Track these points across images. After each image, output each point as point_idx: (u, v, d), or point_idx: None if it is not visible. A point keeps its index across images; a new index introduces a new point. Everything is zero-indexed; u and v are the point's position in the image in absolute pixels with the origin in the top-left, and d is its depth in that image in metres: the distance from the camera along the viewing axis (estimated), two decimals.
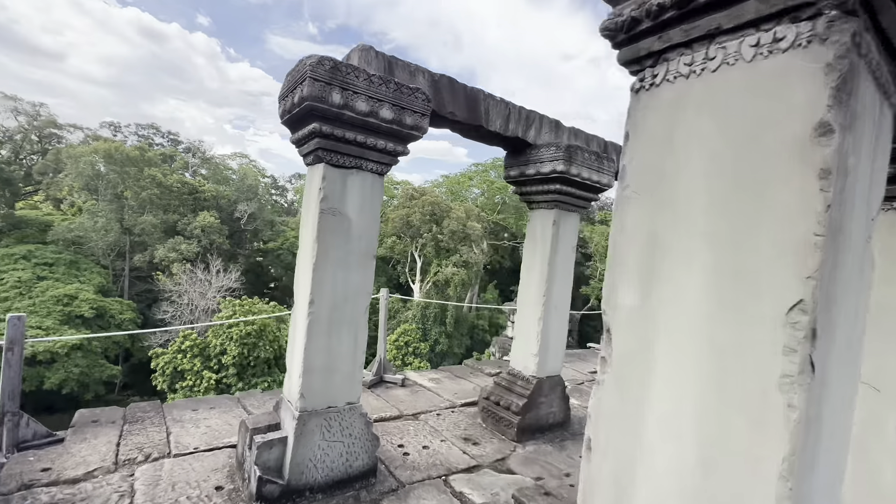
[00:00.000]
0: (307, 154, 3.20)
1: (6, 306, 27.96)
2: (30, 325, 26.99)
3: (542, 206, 4.68)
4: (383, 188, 3.34)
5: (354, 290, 3.27)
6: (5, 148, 56.12)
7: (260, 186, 50.71)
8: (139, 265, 39.67)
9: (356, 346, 3.35)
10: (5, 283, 29.55)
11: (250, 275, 51.44)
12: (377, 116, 3.02)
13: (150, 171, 39.66)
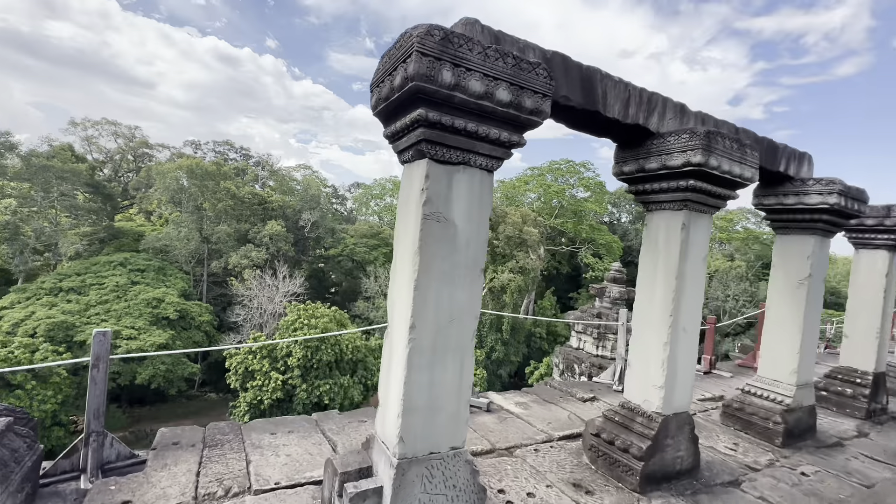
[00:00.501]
0: (407, 148, 2.70)
1: (106, 307, 30.98)
2: (124, 325, 29.65)
3: (668, 208, 3.87)
4: (493, 188, 2.78)
5: (461, 309, 2.71)
6: (107, 167, 63.24)
7: (322, 196, 52.78)
8: (216, 271, 42.63)
9: (462, 379, 2.78)
10: (106, 287, 32.80)
11: (313, 280, 53.57)
12: (492, 98, 2.45)
13: (225, 184, 42.61)
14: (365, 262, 51.42)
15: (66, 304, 30.38)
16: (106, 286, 32.67)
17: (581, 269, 61.99)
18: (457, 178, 2.61)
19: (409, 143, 2.61)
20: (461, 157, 2.57)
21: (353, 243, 51.67)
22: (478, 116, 2.50)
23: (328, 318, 33.41)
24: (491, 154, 2.67)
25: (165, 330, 30.77)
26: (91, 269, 34.70)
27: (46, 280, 33.41)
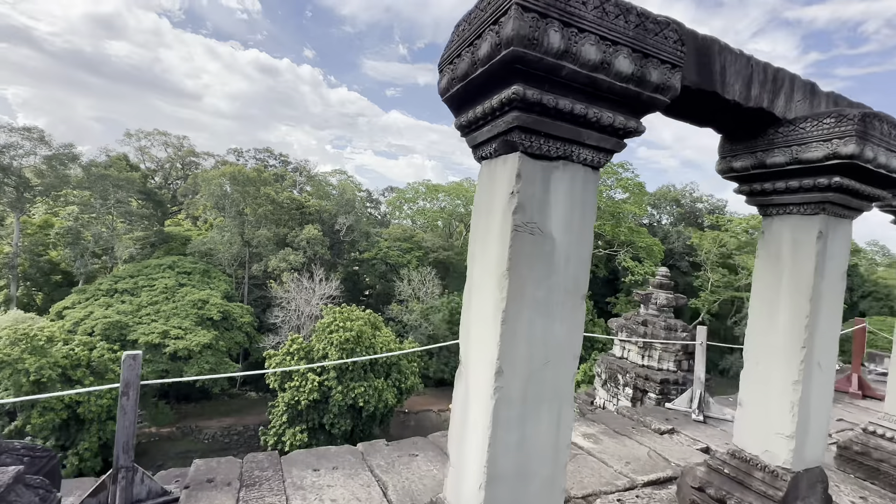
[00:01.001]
0: (489, 140, 2.13)
1: (156, 308, 32.34)
2: (172, 325, 30.78)
3: (796, 212, 3.10)
4: (597, 190, 2.17)
5: (559, 346, 2.12)
6: (158, 175, 66.78)
7: (356, 200, 53.37)
8: (256, 274, 43.84)
9: (559, 436, 2.17)
10: (156, 289, 34.29)
11: (348, 283, 54.22)
12: (609, 70, 1.84)
13: (265, 189, 43.81)
14: (398, 266, 51.48)
15: (121, 304, 31.91)
16: (156, 288, 34.12)
17: (619, 273, 59.51)
18: (555, 178, 2.01)
19: (495, 133, 2.04)
20: (562, 149, 1.98)
21: (387, 247, 51.86)
22: (588, 94, 1.90)
23: (363, 321, 33.46)
24: (599, 146, 2.06)
25: (209, 330, 31.72)
26: (143, 271, 36.39)
27: (103, 282, 35.31)
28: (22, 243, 36.37)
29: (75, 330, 28.64)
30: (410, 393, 35.26)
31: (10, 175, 35.11)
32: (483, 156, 2.23)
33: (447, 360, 46.69)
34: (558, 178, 2.02)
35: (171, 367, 29.29)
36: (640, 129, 2.08)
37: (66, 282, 41.01)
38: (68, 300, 33.06)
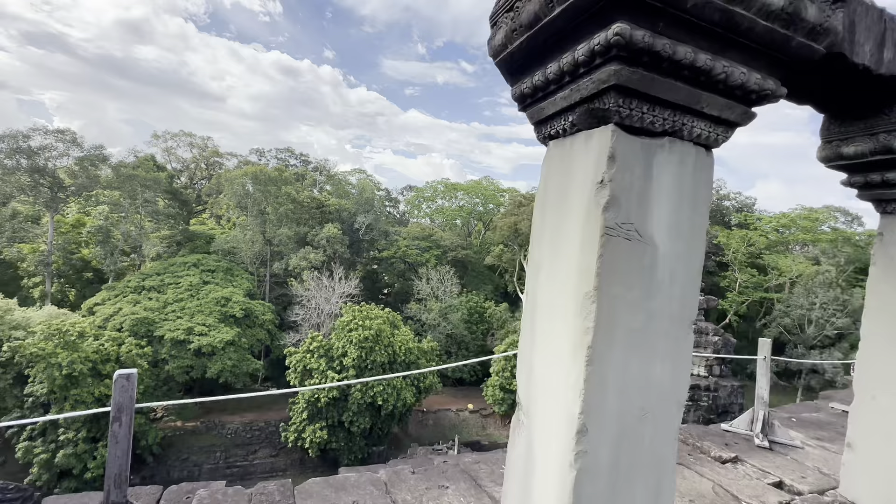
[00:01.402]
0: (569, 108, 1.59)
1: (181, 305, 32.89)
2: (197, 322, 31.19)
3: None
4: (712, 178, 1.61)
5: (660, 394, 1.57)
6: (183, 175, 68.34)
7: (375, 199, 53.28)
8: (277, 272, 44.27)
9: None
10: (181, 286, 34.91)
11: (367, 281, 54.29)
12: (751, 1, 1.25)
13: (286, 189, 44.14)
14: (417, 264, 51.22)
15: (148, 301, 32.56)
16: (181, 285, 34.69)
17: None
18: (659, 162, 1.47)
19: (576, 100, 1.49)
20: (670, 121, 1.44)
21: (406, 245, 51.60)
22: (717, 40, 1.35)
23: (382, 320, 33.27)
24: (720, 116, 1.50)
25: (232, 327, 32.06)
26: (169, 269, 37.08)
27: (132, 279, 36.15)
28: (56, 242, 37.50)
29: (105, 326, 29.34)
30: (429, 392, 34.95)
31: (46, 176, 36.22)
32: (552, 133, 1.69)
33: (465, 360, 46.26)
34: (663, 162, 1.47)
35: (196, 363, 29.70)
36: (778, 92, 1.51)
37: (97, 279, 42.23)
38: (99, 297, 33.93)
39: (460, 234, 65.76)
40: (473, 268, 58.34)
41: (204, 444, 30.68)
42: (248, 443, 32.02)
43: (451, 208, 66.56)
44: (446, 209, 66.94)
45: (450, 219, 67.85)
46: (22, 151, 34.90)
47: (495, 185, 69.04)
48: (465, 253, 55.74)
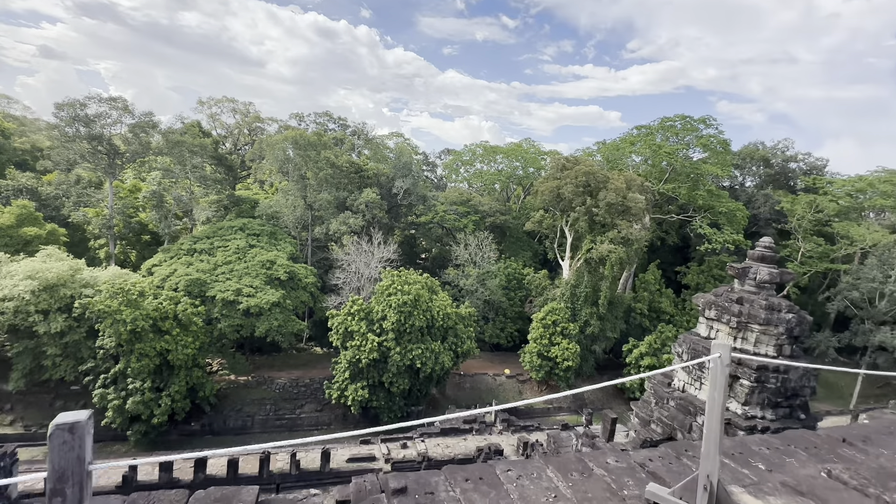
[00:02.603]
0: None
1: (230, 267, 34.58)
2: (244, 284, 32.73)
3: None
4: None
5: None
6: (228, 141, 70.36)
7: (413, 163, 52.84)
8: (318, 236, 45.48)
9: None
10: (229, 249, 36.60)
11: (405, 246, 54.86)
12: None
13: (325, 153, 44.47)
14: (455, 230, 51.00)
15: (200, 263, 34.43)
16: (229, 248, 36.37)
17: (691, 241, 54.87)
18: None
19: None
20: None
21: (444, 210, 51.32)
22: None
23: (420, 285, 33.64)
24: None
25: (277, 289, 33.49)
26: (218, 233, 38.86)
27: (184, 242, 38.24)
28: (116, 206, 40.00)
29: (163, 286, 31.41)
30: (467, 356, 35.53)
31: (102, 143, 38.22)
32: None
33: (503, 326, 46.37)
34: None
35: (245, 323, 31.42)
36: None
37: (154, 241, 45.07)
38: (156, 258, 36.24)
39: (499, 199, 64.58)
40: (512, 234, 57.48)
41: (255, 398, 32.94)
42: (295, 397, 34.08)
43: (490, 172, 65.14)
44: (485, 173, 65.59)
45: (488, 183, 66.58)
46: (80, 119, 36.83)
47: (536, 148, 66.61)
48: (503, 218, 54.88)
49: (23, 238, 32.41)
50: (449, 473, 2.75)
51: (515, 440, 26.44)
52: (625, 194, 44.55)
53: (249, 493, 2.38)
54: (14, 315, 25.28)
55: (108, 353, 26.75)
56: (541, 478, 2.68)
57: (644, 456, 3.12)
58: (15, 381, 27.05)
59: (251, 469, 21.07)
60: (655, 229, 54.94)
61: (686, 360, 13.93)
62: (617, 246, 42.88)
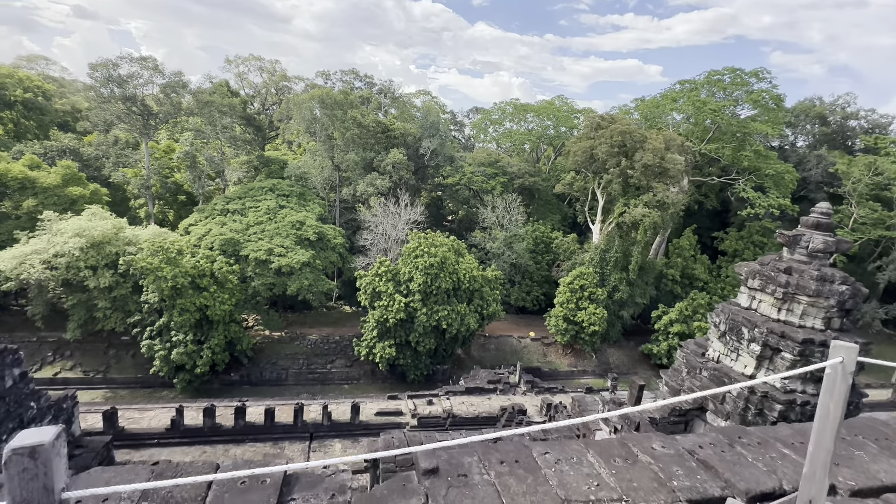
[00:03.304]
0: None
1: (261, 228, 35.39)
2: (276, 244, 33.55)
3: None
4: None
5: None
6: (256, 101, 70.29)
7: (441, 123, 51.42)
8: (346, 198, 45.68)
9: None
10: (260, 210, 37.34)
11: (432, 208, 54.52)
12: None
13: (352, 112, 43.77)
14: (482, 192, 50.09)
15: (233, 223, 35.37)
16: (260, 209, 37.08)
17: (731, 205, 51.94)
18: None
19: None
20: None
21: (471, 172, 50.29)
22: None
23: (447, 248, 33.57)
24: None
25: (307, 249, 34.20)
26: (248, 193, 39.57)
27: (218, 202, 39.21)
28: (152, 166, 41.12)
29: (199, 244, 32.57)
30: (492, 319, 35.79)
31: (136, 103, 38.81)
32: None
33: (529, 289, 46.22)
34: None
35: (277, 281, 32.43)
36: None
37: (190, 201, 46.46)
38: (192, 218, 37.43)
39: (528, 160, 62.63)
40: (541, 196, 56.06)
41: (289, 352, 34.54)
42: (326, 353, 35.54)
43: (520, 132, 62.84)
44: (514, 133, 63.35)
45: (518, 143, 64.47)
46: (113, 80, 37.33)
47: (569, 106, 63.40)
48: (532, 180, 53.37)
49: (69, 197, 33.96)
50: (483, 454, 2.61)
51: (539, 401, 26.87)
52: (663, 155, 42.22)
53: (277, 465, 2.32)
54: (66, 270, 26.93)
55: (153, 307, 28.34)
56: (581, 463, 2.52)
57: (693, 442, 2.88)
58: (72, 330, 29.24)
59: (286, 418, 22.37)
60: (693, 192, 52.30)
61: (723, 331, 13.42)
62: (651, 210, 41.20)
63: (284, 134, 63.61)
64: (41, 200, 32.16)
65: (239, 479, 2.18)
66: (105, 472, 2.18)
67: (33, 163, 34.88)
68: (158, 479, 2.15)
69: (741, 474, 2.60)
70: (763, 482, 2.56)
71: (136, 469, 2.24)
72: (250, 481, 2.21)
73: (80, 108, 55.92)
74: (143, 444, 20.25)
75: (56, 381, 28.42)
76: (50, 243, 27.02)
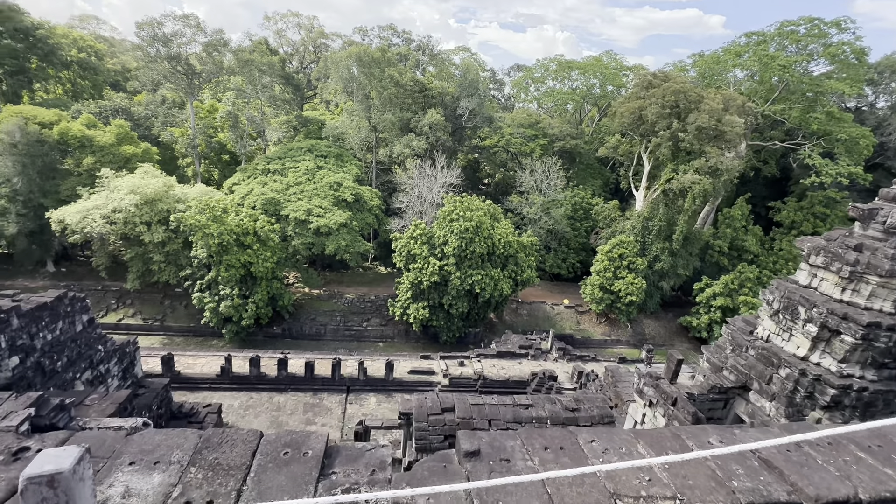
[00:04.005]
0: None
1: (300, 188, 36.10)
2: (314, 204, 34.23)
3: None
4: None
5: None
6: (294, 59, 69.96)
7: (480, 81, 49.41)
8: (382, 159, 45.54)
9: None
10: (299, 170, 37.94)
11: (468, 170, 53.53)
12: None
13: (389, 70, 42.73)
14: (521, 154, 48.48)
15: (273, 183, 36.22)
16: (299, 169, 37.67)
17: (792, 172, 47.72)
18: None
19: None
20: None
21: (510, 133, 48.55)
22: None
23: (482, 212, 33.11)
24: None
25: (344, 210, 34.73)
26: (288, 153, 40.16)
27: (259, 162, 40.11)
28: (197, 125, 42.28)
29: (242, 203, 33.71)
30: (526, 285, 35.55)
31: (180, 63, 39.48)
32: None
33: (564, 256, 45.29)
34: None
35: (315, 241, 33.32)
36: None
37: (233, 161, 47.81)
38: (235, 177, 38.61)
39: (571, 122, 59.69)
40: (583, 160, 53.73)
41: (327, 309, 35.97)
42: (362, 311, 36.76)
43: (563, 91, 59.58)
44: (557, 92, 60.15)
45: (560, 103, 61.30)
46: (159, 39, 37.96)
47: (618, 62, 59.12)
48: (574, 143, 51.01)
49: (123, 156, 35.69)
50: (526, 438, 2.51)
51: (570, 368, 26.88)
52: (720, 117, 39.03)
53: (318, 439, 2.33)
54: (124, 225, 28.73)
55: (202, 262, 29.97)
56: (631, 454, 2.38)
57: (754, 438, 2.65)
58: (131, 281, 31.56)
59: (325, 371, 23.58)
60: (751, 158, 48.51)
61: (777, 309, 12.64)
62: (703, 176, 38.67)
63: (322, 93, 63.38)
64: (98, 158, 33.99)
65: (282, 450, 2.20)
66: (157, 435, 2.26)
67: (90, 122, 36.64)
68: (206, 445, 2.21)
69: (810, 478, 2.36)
70: (835, 489, 2.31)
71: (184, 433, 2.32)
72: (292, 452, 2.23)
73: (129, 67, 57.68)
74: (197, 387, 22.04)
75: (119, 326, 31.08)
76: (108, 199, 28.76)
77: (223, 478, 2.05)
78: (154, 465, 2.04)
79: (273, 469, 2.12)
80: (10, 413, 9.21)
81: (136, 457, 2.08)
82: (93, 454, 2.03)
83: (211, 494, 1.96)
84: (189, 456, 2.12)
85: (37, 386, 13.29)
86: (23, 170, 31.84)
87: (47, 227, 30.43)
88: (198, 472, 2.06)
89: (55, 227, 28.77)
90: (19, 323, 13.07)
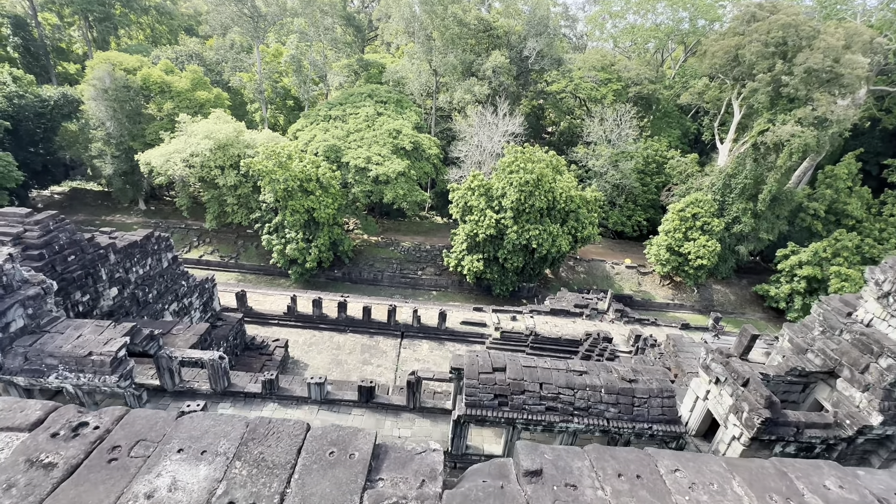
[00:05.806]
0: None
1: (360, 135, 36.10)
2: (374, 152, 34.23)
3: None
4: None
5: None
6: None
7: (550, 18, 45.02)
8: (442, 105, 44.00)
9: None
10: (359, 117, 37.76)
11: (531, 118, 50.53)
12: None
13: (452, 8, 40.02)
14: (590, 100, 44.63)
15: (335, 129, 36.50)
16: (360, 116, 37.48)
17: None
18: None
19: None
20: None
21: (580, 77, 44.54)
22: None
23: (544, 164, 31.42)
24: None
25: (403, 159, 34.48)
26: (349, 99, 39.93)
27: (321, 108, 40.38)
28: (263, 70, 42.92)
29: (305, 150, 34.48)
30: (586, 242, 34.03)
31: (246, 5, 39.54)
32: None
33: (630, 214, 42.44)
34: None
35: (374, 189, 33.68)
36: None
37: (297, 107, 48.58)
38: (299, 123, 39.31)
39: (650, 63, 53.62)
40: (660, 107, 48.61)
41: (384, 256, 37.01)
42: (418, 260, 37.44)
43: (644, 27, 53.04)
44: (637, 28, 53.73)
45: (640, 42, 54.93)
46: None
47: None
48: (652, 87, 45.99)
49: (198, 101, 37.38)
50: (596, 459, 2.18)
51: (627, 331, 25.97)
52: (838, 56, 33.05)
53: (366, 439, 2.17)
54: (201, 168, 30.64)
55: (269, 206, 31.57)
56: (724, 493, 1.99)
57: (885, 484, 2.12)
58: (209, 221, 34.17)
59: (381, 316, 24.64)
60: (870, 106, 41.30)
61: (887, 291, 10.98)
62: (805, 128, 33.65)
63: (383, 34, 61.28)
64: (177, 103, 35.88)
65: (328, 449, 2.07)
66: (206, 420, 2.24)
67: (168, 68, 38.40)
68: (252, 436, 2.15)
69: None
70: None
71: (232, 421, 2.28)
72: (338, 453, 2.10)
73: (200, 11, 58.96)
74: (266, 322, 24.02)
75: (200, 262, 34.20)
76: (186, 143, 30.59)
77: (267, 477, 1.98)
78: (201, 454, 2.02)
79: (318, 471, 2.02)
80: (111, 339, 10.50)
81: (184, 443, 2.06)
82: (144, 437, 2.05)
83: (254, 496, 1.90)
84: (235, 448, 2.08)
85: (133, 314, 15.02)
86: (113, 114, 34.51)
87: (137, 168, 33.29)
88: (242, 467, 2.01)
89: (143, 169, 31.38)
90: (116, 258, 14.61)
